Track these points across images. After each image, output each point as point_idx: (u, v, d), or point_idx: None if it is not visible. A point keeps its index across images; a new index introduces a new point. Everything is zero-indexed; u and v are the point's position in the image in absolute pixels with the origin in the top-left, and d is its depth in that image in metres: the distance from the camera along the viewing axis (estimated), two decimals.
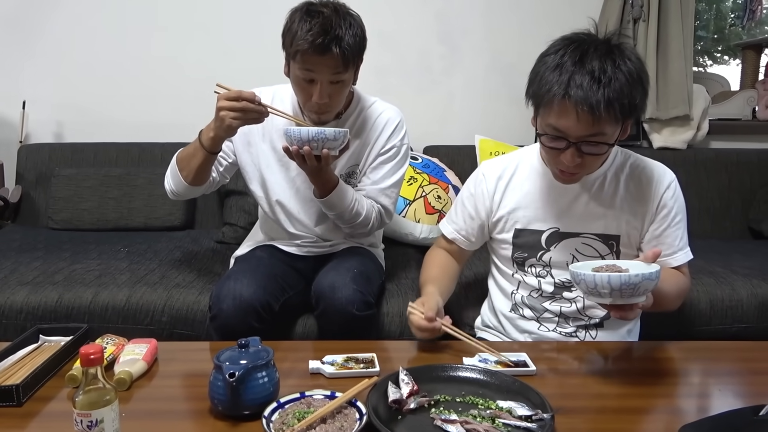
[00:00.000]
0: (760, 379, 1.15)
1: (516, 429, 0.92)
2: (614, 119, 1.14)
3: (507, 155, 1.46)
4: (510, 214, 1.37)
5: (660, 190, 1.31)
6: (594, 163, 1.24)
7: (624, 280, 0.99)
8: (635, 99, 1.15)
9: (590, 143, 1.17)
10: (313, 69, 1.43)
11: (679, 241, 1.32)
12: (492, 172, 1.41)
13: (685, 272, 1.34)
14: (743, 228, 2.53)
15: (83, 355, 0.85)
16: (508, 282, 1.42)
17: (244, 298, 1.44)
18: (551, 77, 1.15)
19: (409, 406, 0.97)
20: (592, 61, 1.12)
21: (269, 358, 1.00)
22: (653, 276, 1.01)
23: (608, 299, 1.03)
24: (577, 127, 1.14)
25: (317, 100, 1.47)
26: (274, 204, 1.67)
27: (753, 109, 2.86)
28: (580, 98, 1.11)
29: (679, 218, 1.32)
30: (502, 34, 2.72)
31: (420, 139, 2.61)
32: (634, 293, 1.01)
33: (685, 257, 1.33)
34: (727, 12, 3.66)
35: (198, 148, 1.49)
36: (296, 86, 1.51)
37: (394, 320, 1.67)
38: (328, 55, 1.40)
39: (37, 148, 2.61)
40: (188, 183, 1.56)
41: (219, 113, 1.39)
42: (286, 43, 1.46)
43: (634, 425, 0.99)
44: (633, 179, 1.33)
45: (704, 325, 1.78)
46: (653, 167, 1.34)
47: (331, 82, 1.45)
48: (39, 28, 2.65)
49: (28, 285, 1.76)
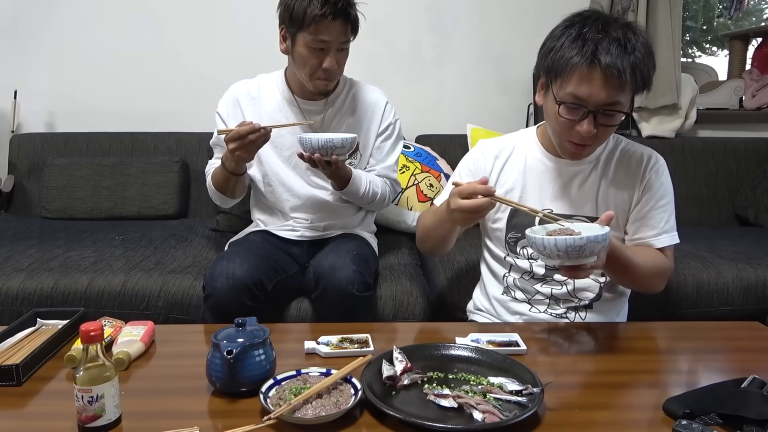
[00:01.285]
0: (742, 356, 1.19)
1: (507, 403, 0.94)
2: (633, 87, 1.19)
3: (504, 136, 1.47)
4: (506, 193, 1.39)
5: (646, 172, 1.33)
6: (605, 136, 1.26)
7: (569, 243, 1.02)
8: (650, 70, 1.20)
9: (607, 113, 1.20)
10: (326, 35, 1.51)
11: (664, 224, 1.34)
12: (490, 150, 1.43)
13: (668, 255, 1.35)
14: (730, 215, 2.58)
15: (84, 332, 0.87)
16: (500, 265, 1.44)
17: (237, 277, 1.46)
18: (574, 46, 1.18)
19: (403, 383, 0.99)
20: (617, 30, 1.17)
21: (266, 337, 1.02)
22: (599, 239, 1.03)
23: (557, 261, 1.07)
24: (600, 93, 1.17)
25: (329, 66, 1.55)
26: (274, 183, 1.72)
27: (740, 98, 2.90)
28: (609, 63, 1.14)
29: (664, 201, 1.34)
30: (493, 23, 2.74)
31: (412, 128, 2.63)
32: (581, 254, 1.04)
33: (669, 240, 1.34)
34: (715, 3, 3.70)
35: (230, 176, 1.59)
36: (303, 58, 1.56)
37: (387, 303, 1.69)
38: (341, 21, 1.51)
39: (29, 137, 2.60)
40: (236, 198, 1.72)
41: (234, 154, 1.48)
42: (293, 16, 1.52)
43: (622, 399, 1.02)
44: (623, 163, 1.36)
45: (690, 308, 1.82)
46: (642, 150, 1.37)
47: (338, 49, 1.55)
48: (31, 18, 2.64)
49: (24, 271, 1.77)
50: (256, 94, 1.71)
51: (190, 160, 2.52)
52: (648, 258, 1.30)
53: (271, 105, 1.70)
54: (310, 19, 1.49)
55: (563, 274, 1.12)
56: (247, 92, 1.71)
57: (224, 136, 1.48)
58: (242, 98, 1.71)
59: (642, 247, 1.34)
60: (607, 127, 1.23)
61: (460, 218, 1.18)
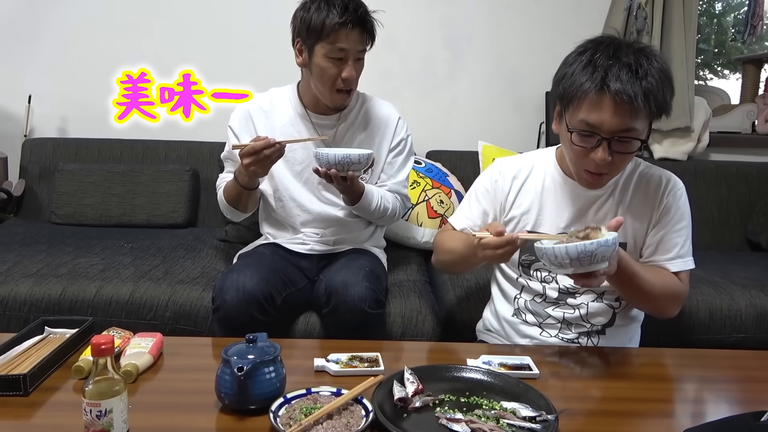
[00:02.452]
0: (758, 386, 1.17)
1: (520, 429, 0.93)
2: (648, 114, 1.16)
3: (522, 156, 1.45)
4: (522, 215, 1.37)
5: (664, 196, 1.32)
6: (621, 164, 1.24)
7: (581, 249, 1.02)
8: (666, 96, 1.17)
9: (622, 140, 1.17)
10: (345, 44, 1.53)
11: (679, 248, 1.31)
12: (508, 170, 1.41)
13: (682, 279, 1.33)
14: (741, 240, 2.55)
15: (94, 345, 0.86)
16: (512, 286, 1.42)
17: (247, 290, 1.45)
18: (584, 72, 1.16)
19: (414, 405, 0.98)
20: (628, 56, 1.15)
21: (276, 354, 1.00)
22: (608, 243, 1.03)
23: (570, 269, 1.06)
24: (612, 120, 1.14)
25: (348, 76, 1.56)
26: (285, 198, 1.71)
27: (753, 122, 2.89)
28: (619, 89, 1.12)
29: (681, 225, 1.32)
30: (506, 40, 2.75)
31: (423, 144, 2.62)
32: (592, 260, 1.04)
33: (683, 265, 1.32)
34: (728, 27, 3.70)
35: (242, 191, 1.59)
36: (322, 69, 1.57)
37: (396, 321, 1.68)
38: (359, 29, 1.53)
39: (42, 142, 2.61)
40: (248, 212, 1.72)
41: (248, 169, 1.48)
42: (311, 28, 1.53)
43: (636, 428, 1.00)
44: (640, 187, 1.33)
45: (703, 334, 1.79)
46: (661, 174, 1.35)
47: (356, 59, 1.57)
48: (45, 23, 2.66)
49: (32, 277, 1.76)
50: (269, 108, 1.71)
51: (201, 170, 2.52)
52: (660, 278, 1.28)
53: (284, 119, 1.70)
54: (329, 28, 1.51)
55: (576, 282, 1.12)
56: (259, 106, 1.72)
57: (239, 150, 1.48)
58: (254, 112, 1.71)
59: (655, 267, 1.31)
60: (624, 155, 1.20)
61: (488, 257, 1.19)
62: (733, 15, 3.64)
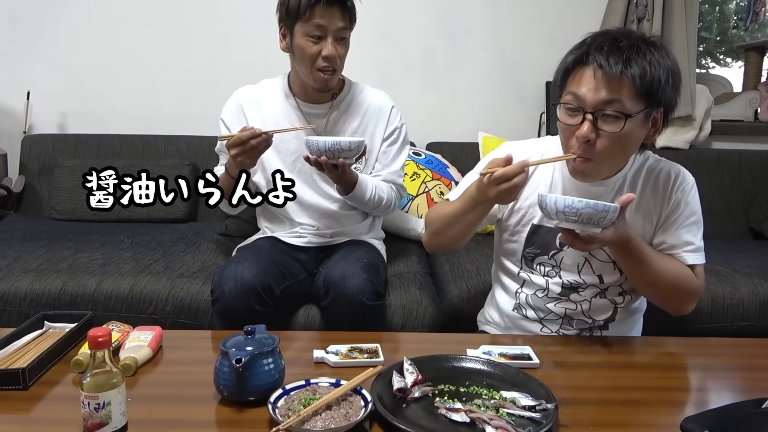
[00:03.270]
0: (760, 374, 1.16)
1: (520, 419, 0.92)
2: (633, 89, 1.11)
3: (532, 142, 1.40)
4: (530, 207, 1.33)
5: (673, 192, 1.27)
6: (606, 149, 1.15)
7: (568, 203, 1.04)
8: (660, 81, 1.12)
9: (606, 117, 1.12)
10: (322, 20, 1.52)
11: (690, 243, 1.27)
12: (518, 155, 1.27)
13: (698, 274, 1.27)
14: (744, 228, 2.54)
15: (91, 338, 0.86)
16: (512, 280, 1.40)
17: (246, 280, 1.45)
18: (574, 50, 1.17)
19: (414, 395, 0.98)
20: (619, 35, 1.15)
21: (275, 345, 1.00)
22: (599, 207, 1.04)
23: (555, 221, 1.09)
24: (595, 92, 1.12)
25: (328, 53, 1.55)
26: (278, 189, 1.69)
27: (755, 110, 2.87)
28: (601, 60, 1.11)
29: (690, 221, 1.28)
30: (506, 31, 2.73)
31: (423, 135, 2.61)
32: (578, 219, 1.05)
33: (696, 259, 1.27)
34: (730, 14, 3.67)
35: (233, 182, 1.54)
36: (302, 49, 1.56)
37: (396, 312, 1.68)
38: (337, 8, 1.52)
39: (41, 138, 2.61)
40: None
41: (236, 160, 1.47)
42: (290, 9, 1.54)
43: (637, 416, 0.99)
44: (649, 183, 1.29)
45: (705, 323, 1.78)
46: (670, 168, 1.30)
47: (336, 39, 1.55)
48: (44, 19, 2.65)
49: (32, 272, 1.76)
50: (260, 99, 1.71)
51: (201, 164, 2.51)
52: (673, 268, 1.24)
53: (275, 110, 1.69)
54: (305, 6, 1.51)
55: (562, 239, 1.14)
56: (250, 98, 1.71)
57: (226, 142, 1.47)
58: (246, 104, 1.70)
59: (669, 257, 1.27)
60: (610, 136, 1.13)
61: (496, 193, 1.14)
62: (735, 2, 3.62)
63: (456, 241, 1.37)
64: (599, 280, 1.30)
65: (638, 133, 1.17)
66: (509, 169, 1.12)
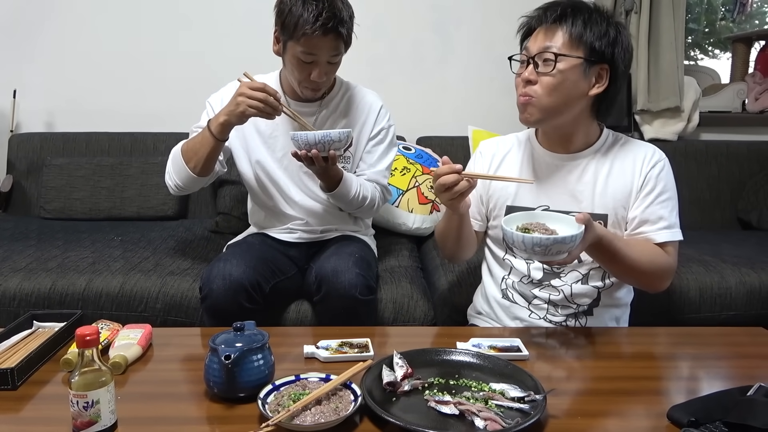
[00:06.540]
0: (747, 362, 1.17)
1: (509, 410, 0.93)
2: (567, 36, 1.24)
3: (505, 136, 1.49)
4: (503, 190, 1.39)
5: (645, 167, 1.31)
6: (545, 89, 1.24)
7: (536, 241, 1.06)
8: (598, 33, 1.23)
9: (546, 61, 1.24)
10: (315, 50, 1.49)
11: (665, 219, 1.30)
12: (487, 150, 1.47)
13: (669, 252, 1.31)
14: (732, 218, 2.56)
15: (79, 336, 0.86)
16: (500, 267, 1.43)
17: (234, 278, 1.45)
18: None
19: (404, 389, 0.98)
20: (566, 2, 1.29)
21: (264, 341, 1.00)
22: (566, 240, 1.06)
23: (526, 255, 1.12)
24: (534, 42, 1.28)
25: (317, 79, 1.53)
26: (268, 184, 1.69)
27: (743, 101, 2.89)
28: (540, 15, 1.30)
29: (665, 197, 1.31)
30: (495, 24, 2.72)
31: (413, 130, 2.61)
32: (547, 253, 1.08)
33: (671, 236, 1.30)
34: (718, 6, 3.69)
35: (207, 136, 1.52)
36: (293, 66, 1.54)
37: (387, 306, 1.68)
38: (332, 37, 1.47)
39: (28, 137, 2.59)
40: (196, 174, 1.56)
41: (237, 98, 1.44)
42: (286, 24, 1.49)
43: (625, 406, 1.00)
44: (620, 157, 1.34)
45: (693, 313, 1.80)
46: (643, 147, 1.35)
47: (329, 62, 1.53)
48: (31, 17, 2.63)
49: (21, 272, 1.75)
50: None
51: None
52: (646, 252, 1.27)
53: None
54: (300, 33, 1.46)
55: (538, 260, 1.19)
56: None
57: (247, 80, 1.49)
58: None
59: (641, 241, 1.30)
60: (545, 76, 1.24)
61: (445, 201, 1.22)
62: None
63: (460, 250, 1.41)
64: (577, 260, 1.32)
65: (575, 80, 1.25)
66: (446, 178, 1.18)
